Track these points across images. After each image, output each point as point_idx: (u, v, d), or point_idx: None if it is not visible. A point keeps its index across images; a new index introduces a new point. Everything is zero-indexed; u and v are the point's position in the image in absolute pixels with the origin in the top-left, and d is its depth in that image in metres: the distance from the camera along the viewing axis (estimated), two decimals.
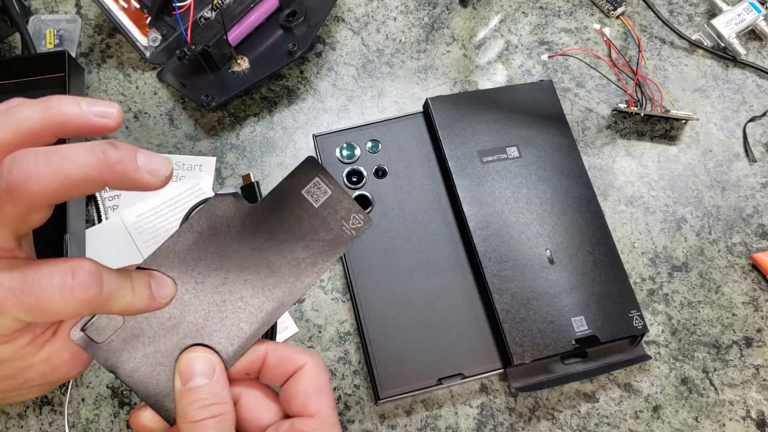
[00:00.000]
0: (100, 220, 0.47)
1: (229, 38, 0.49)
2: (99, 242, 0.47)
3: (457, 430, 0.43)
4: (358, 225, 0.27)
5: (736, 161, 0.51)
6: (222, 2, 0.50)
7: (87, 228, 0.47)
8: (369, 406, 0.43)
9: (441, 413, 0.43)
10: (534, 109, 0.49)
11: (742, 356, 0.45)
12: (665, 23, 0.54)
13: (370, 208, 0.46)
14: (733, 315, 0.46)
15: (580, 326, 0.42)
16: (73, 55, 0.53)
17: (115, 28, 0.52)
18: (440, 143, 0.47)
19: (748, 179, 0.50)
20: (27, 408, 0.43)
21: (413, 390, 0.41)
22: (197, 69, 0.50)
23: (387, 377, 0.42)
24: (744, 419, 0.43)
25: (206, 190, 0.49)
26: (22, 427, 0.43)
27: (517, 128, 0.48)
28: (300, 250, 0.27)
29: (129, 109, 0.52)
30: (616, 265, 0.44)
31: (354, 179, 0.47)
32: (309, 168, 0.26)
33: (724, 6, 0.54)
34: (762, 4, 0.53)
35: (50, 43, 0.53)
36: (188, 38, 0.48)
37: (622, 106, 0.50)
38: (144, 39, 0.52)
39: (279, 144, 0.51)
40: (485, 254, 0.43)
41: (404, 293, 0.44)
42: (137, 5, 0.51)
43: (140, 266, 0.26)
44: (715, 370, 0.45)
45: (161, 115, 0.52)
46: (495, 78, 0.54)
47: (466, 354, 0.42)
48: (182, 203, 0.48)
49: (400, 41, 0.55)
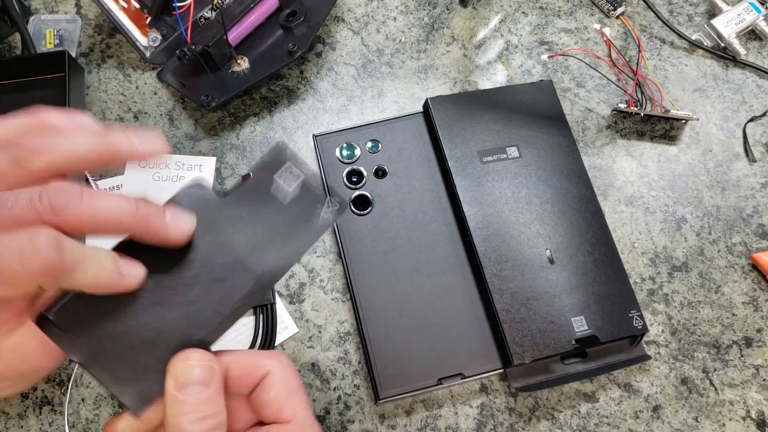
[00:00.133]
0: None
1: (229, 38, 0.49)
2: (99, 242, 0.47)
3: (457, 430, 0.43)
4: (334, 208, 0.26)
5: (736, 161, 0.51)
6: (222, 2, 0.50)
7: None
8: (369, 406, 0.43)
9: (441, 413, 0.43)
10: (534, 109, 0.49)
11: (742, 356, 0.45)
12: (665, 23, 0.54)
13: (370, 208, 0.46)
14: (733, 315, 0.46)
15: (580, 326, 0.42)
16: (73, 55, 0.53)
17: (115, 28, 0.52)
18: (440, 143, 0.47)
19: (748, 179, 0.50)
20: (27, 408, 0.43)
21: (413, 390, 0.41)
22: (197, 69, 0.50)
23: (387, 377, 0.42)
24: (744, 419, 0.43)
25: None
26: (22, 427, 0.43)
27: (517, 128, 0.48)
28: (273, 239, 0.26)
29: (129, 109, 0.52)
30: (616, 265, 0.44)
31: (354, 179, 0.47)
32: (279, 153, 0.26)
33: (724, 6, 0.54)
34: (762, 4, 0.53)
35: (50, 43, 0.53)
36: (188, 38, 0.48)
37: (622, 106, 0.50)
38: (144, 39, 0.52)
39: None
40: (485, 254, 0.43)
41: (404, 293, 0.44)
42: (137, 5, 0.51)
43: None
44: (715, 370, 0.45)
45: (161, 115, 0.52)
46: (495, 78, 0.54)
47: (466, 354, 0.42)
48: None
49: (400, 41, 0.55)
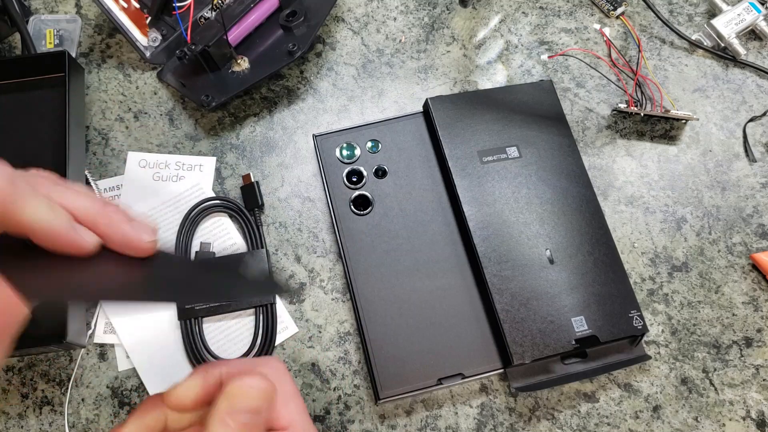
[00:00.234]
0: None
1: (229, 38, 0.49)
2: None
3: (457, 430, 0.43)
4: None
5: (736, 161, 0.51)
6: (222, 2, 0.50)
7: None
8: (369, 406, 0.43)
9: (441, 413, 0.43)
10: (534, 109, 0.49)
11: (742, 356, 0.45)
12: (665, 23, 0.54)
13: (370, 208, 0.46)
14: (733, 315, 0.46)
15: (580, 326, 0.42)
16: (73, 55, 0.53)
17: (115, 28, 0.52)
18: (440, 143, 0.47)
19: (748, 179, 0.50)
20: (27, 408, 0.43)
21: (413, 390, 0.41)
22: (197, 69, 0.50)
23: (387, 377, 0.42)
24: (744, 419, 0.43)
25: (206, 191, 0.49)
26: (22, 427, 0.43)
27: (517, 128, 0.48)
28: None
29: (129, 109, 0.52)
30: (616, 265, 0.44)
31: (354, 179, 0.47)
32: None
33: (724, 6, 0.54)
34: (762, 4, 0.53)
35: (50, 43, 0.53)
36: (188, 38, 0.48)
37: (622, 106, 0.50)
38: (144, 39, 0.52)
39: (279, 144, 0.51)
40: (485, 254, 0.43)
41: (404, 293, 0.44)
42: (137, 5, 0.52)
43: None
44: (715, 370, 0.45)
45: (161, 115, 0.52)
46: (495, 78, 0.54)
47: (466, 354, 0.42)
48: (182, 203, 0.48)
49: (400, 41, 0.55)
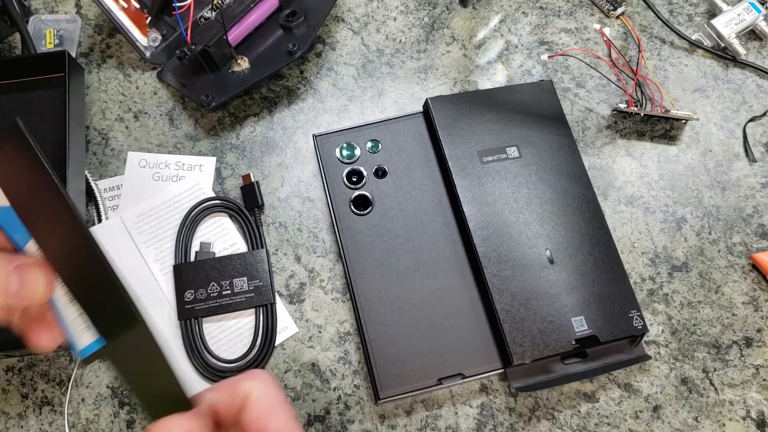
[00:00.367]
0: (100, 220, 0.47)
1: (229, 38, 0.49)
2: (99, 242, 0.47)
3: (457, 430, 0.43)
4: None
5: (736, 161, 0.51)
6: (222, 2, 0.50)
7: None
8: (369, 406, 0.43)
9: (441, 413, 0.43)
10: (534, 109, 0.49)
11: (742, 356, 0.45)
12: (665, 23, 0.54)
13: (370, 208, 0.46)
14: (733, 315, 0.46)
15: (580, 326, 0.42)
16: (73, 55, 0.53)
17: (115, 28, 0.52)
18: (440, 143, 0.47)
19: (748, 179, 0.50)
20: (27, 408, 0.43)
21: (413, 390, 0.41)
22: (197, 69, 0.50)
23: (387, 377, 0.42)
24: (744, 419, 0.43)
25: (206, 191, 0.49)
26: (22, 427, 0.43)
27: (517, 128, 0.48)
28: None
29: (129, 109, 0.52)
30: (616, 265, 0.44)
31: (354, 179, 0.47)
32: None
33: (724, 6, 0.54)
34: (762, 4, 0.53)
35: (50, 43, 0.53)
36: (188, 38, 0.48)
37: (622, 106, 0.50)
38: (144, 39, 0.52)
39: (279, 144, 0.51)
40: (485, 254, 0.43)
41: (404, 293, 0.44)
42: (137, 5, 0.52)
43: None
44: (715, 370, 0.45)
45: (161, 115, 0.52)
46: (495, 78, 0.54)
47: (466, 354, 0.42)
48: (182, 203, 0.48)
49: (400, 41, 0.55)
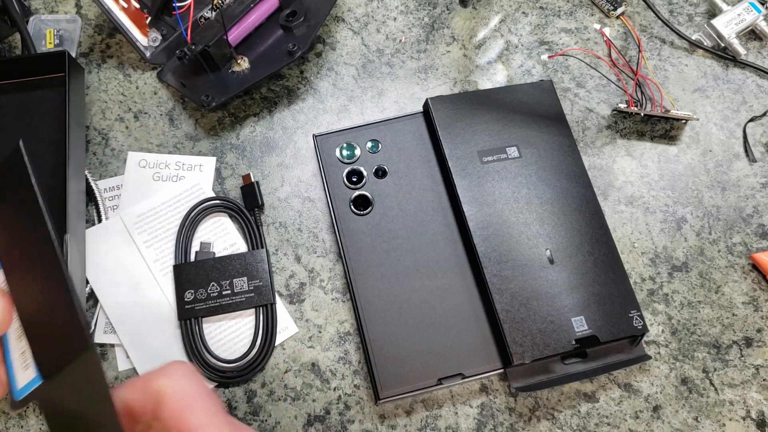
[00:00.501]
0: (100, 220, 0.47)
1: (229, 38, 0.49)
2: (99, 242, 0.47)
3: (457, 430, 0.43)
4: None
5: (736, 161, 0.51)
6: (222, 2, 0.50)
7: (87, 228, 0.47)
8: (369, 406, 0.43)
9: (441, 413, 0.43)
10: (534, 109, 0.49)
11: (742, 356, 0.45)
12: (665, 23, 0.54)
13: (370, 208, 0.46)
14: (733, 315, 0.46)
15: (580, 326, 0.42)
16: (73, 55, 0.53)
17: (115, 28, 0.52)
18: (440, 143, 0.47)
19: (748, 179, 0.50)
20: (27, 408, 0.43)
21: (413, 390, 0.41)
22: (197, 69, 0.50)
23: (387, 377, 0.42)
24: (744, 419, 0.43)
25: (206, 191, 0.49)
26: (22, 427, 0.43)
27: (517, 128, 0.48)
28: None
29: (129, 109, 0.52)
30: (616, 265, 0.44)
31: (354, 179, 0.47)
32: None
33: (724, 6, 0.54)
34: (762, 4, 0.53)
35: (50, 43, 0.53)
36: (188, 38, 0.48)
37: (622, 106, 0.50)
38: (144, 39, 0.52)
39: (279, 144, 0.51)
40: (485, 254, 0.43)
41: (404, 293, 0.44)
42: (137, 5, 0.52)
43: None
44: (715, 370, 0.45)
45: (161, 115, 0.52)
46: (495, 78, 0.54)
47: (466, 354, 0.42)
48: (182, 203, 0.48)
49: (400, 41, 0.55)
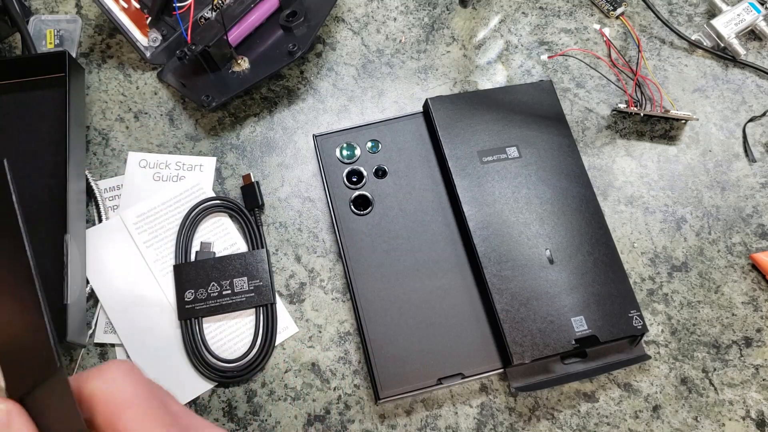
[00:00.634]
0: (101, 220, 0.48)
1: (229, 38, 0.49)
2: (99, 242, 0.47)
3: (457, 430, 0.43)
4: None
5: (736, 161, 0.51)
6: (222, 2, 0.50)
7: (87, 228, 0.47)
8: (369, 406, 0.43)
9: (441, 413, 0.43)
10: (534, 109, 0.49)
11: (742, 356, 0.45)
12: (665, 23, 0.54)
13: (370, 208, 0.46)
14: (733, 315, 0.46)
15: (580, 326, 0.42)
16: (74, 56, 0.53)
17: (116, 29, 0.52)
18: (440, 143, 0.47)
19: (748, 179, 0.50)
20: None
21: (413, 390, 0.41)
22: (197, 69, 0.50)
23: (387, 377, 0.42)
24: (744, 419, 0.44)
25: (206, 191, 0.49)
26: None
27: (517, 128, 0.48)
28: None
29: (129, 109, 0.52)
30: (616, 265, 0.44)
31: (354, 179, 0.47)
32: None
33: (724, 6, 0.54)
34: (762, 5, 0.53)
35: (50, 43, 0.53)
36: (188, 38, 0.48)
37: (622, 106, 0.50)
38: (144, 39, 0.52)
39: (279, 144, 0.51)
40: (485, 254, 0.43)
41: (404, 293, 0.44)
42: (137, 5, 0.52)
43: None
44: (715, 370, 0.45)
45: (161, 115, 0.52)
46: (495, 78, 0.54)
47: (466, 354, 0.42)
48: (182, 203, 0.48)
49: (400, 41, 0.55)
